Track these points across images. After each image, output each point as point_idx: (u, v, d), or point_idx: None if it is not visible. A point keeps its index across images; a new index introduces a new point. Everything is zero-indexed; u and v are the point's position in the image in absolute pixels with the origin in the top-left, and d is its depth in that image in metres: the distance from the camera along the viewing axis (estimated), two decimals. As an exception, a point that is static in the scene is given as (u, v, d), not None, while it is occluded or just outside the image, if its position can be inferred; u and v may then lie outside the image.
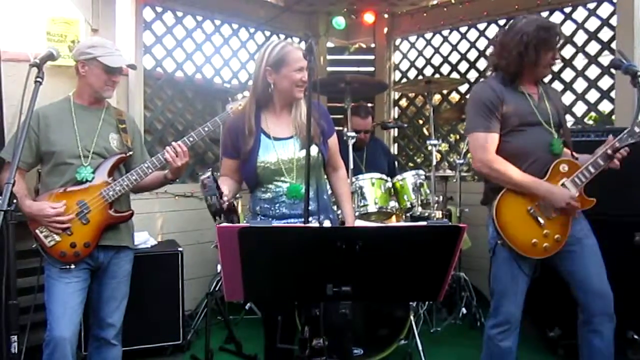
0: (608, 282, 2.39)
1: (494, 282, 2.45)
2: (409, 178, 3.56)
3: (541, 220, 2.35)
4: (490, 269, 2.48)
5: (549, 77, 4.44)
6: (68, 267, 2.35)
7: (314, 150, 2.19)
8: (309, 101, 1.83)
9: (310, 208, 1.85)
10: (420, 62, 5.44)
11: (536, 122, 2.41)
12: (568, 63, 4.41)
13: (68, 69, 3.35)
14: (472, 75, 5.08)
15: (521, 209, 2.37)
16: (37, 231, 2.33)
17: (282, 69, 2.18)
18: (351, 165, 3.38)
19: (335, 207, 2.64)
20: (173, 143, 2.42)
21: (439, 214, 3.61)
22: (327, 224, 2.24)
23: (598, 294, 2.36)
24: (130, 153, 2.55)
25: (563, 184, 2.37)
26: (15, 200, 1.81)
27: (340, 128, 4.02)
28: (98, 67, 2.41)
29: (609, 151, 2.33)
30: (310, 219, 1.86)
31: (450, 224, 1.50)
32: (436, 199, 3.66)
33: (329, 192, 2.52)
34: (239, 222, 2.32)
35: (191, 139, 2.48)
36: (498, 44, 2.47)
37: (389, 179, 3.52)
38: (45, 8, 3.54)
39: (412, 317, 3.22)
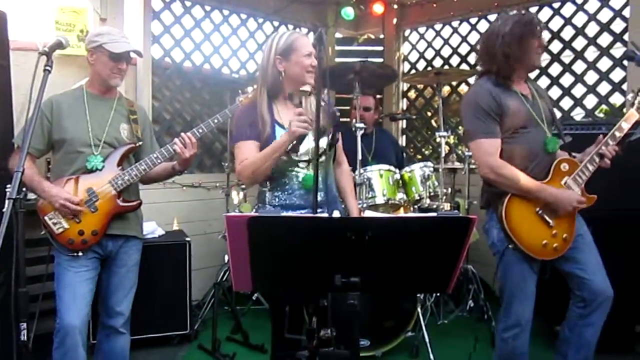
0: (607, 275, 2.39)
1: (504, 284, 2.42)
2: (417, 170, 3.55)
3: (549, 221, 2.34)
4: (497, 271, 2.43)
5: (560, 69, 4.43)
6: (76, 254, 2.35)
7: (325, 141, 2.19)
8: (319, 91, 1.82)
9: (319, 199, 1.84)
10: (429, 54, 5.39)
11: (534, 122, 2.39)
12: (579, 55, 4.35)
13: (76, 58, 3.36)
14: (482, 67, 5.03)
15: (530, 211, 2.35)
16: (45, 218, 2.34)
17: (291, 55, 2.18)
18: (359, 157, 3.36)
19: (341, 200, 2.63)
20: (182, 134, 2.42)
21: (447, 206, 3.59)
22: (336, 214, 2.23)
23: (601, 291, 2.35)
24: (140, 143, 2.55)
25: (566, 183, 2.37)
26: (24, 189, 1.81)
27: (348, 120, 4.01)
28: (104, 55, 2.41)
29: (601, 150, 2.36)
30: (319, 210, 1.86)
31: (461, 215, 1.48)
32: (444, 191, 3.64)
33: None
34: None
35: (200, 131, 2.47)
36: (483, 52, 2.46)
37: (397, 170, 3.51)
38: (54, -3, 3.55)
39: (419, 309, 3.22)
